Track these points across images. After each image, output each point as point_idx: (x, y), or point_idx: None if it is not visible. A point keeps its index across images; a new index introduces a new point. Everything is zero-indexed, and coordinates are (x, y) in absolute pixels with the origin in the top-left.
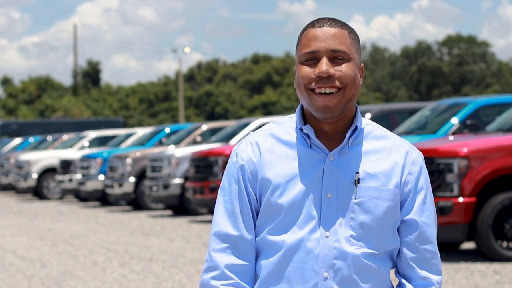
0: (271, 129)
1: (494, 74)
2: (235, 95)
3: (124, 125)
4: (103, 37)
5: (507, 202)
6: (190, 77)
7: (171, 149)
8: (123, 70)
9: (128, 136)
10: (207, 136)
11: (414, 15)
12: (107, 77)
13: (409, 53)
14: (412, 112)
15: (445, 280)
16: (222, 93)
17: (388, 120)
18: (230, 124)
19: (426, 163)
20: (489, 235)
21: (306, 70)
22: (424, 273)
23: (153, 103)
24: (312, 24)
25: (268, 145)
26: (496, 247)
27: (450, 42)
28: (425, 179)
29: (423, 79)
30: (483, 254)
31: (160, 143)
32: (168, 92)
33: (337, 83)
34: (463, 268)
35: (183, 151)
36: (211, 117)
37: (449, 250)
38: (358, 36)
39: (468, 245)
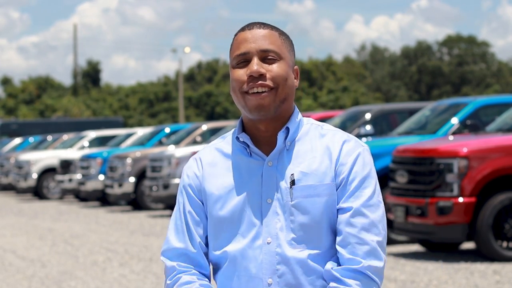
0: (217, 144)
1: (494, 74)
2: None
3: (124, 125)
4: (103, 37)
5: (507, 202)
6: (190, 77)
7: (171, 149)
8: (122, 70)
9: (128, 136)
10: (207, 136)
11: (413, 15)
12: (106, 77)
13: (409, 53)
14: (412, 112)
15: (445, 280)
16: (222, 93)
17: (388, 120)
18: (230, 124)
19: (426, 163)
20: (489, 235)
21: (239, 73)
22: (349, 256)
23: (153, 103)
24: (242, 29)
25: (210, 159)
26: (496, 247)
27: (450, 42)
28: (361, 167)
29: (423, 79)
30: (483, 254)
31: (160, 143)
32: (168, 92)
33: (268, 82)
34: (463, 268)
35: (183, 151)
36: (211, 117)
37: (449, 250)
38: (290, 39)
39: (468, 245)
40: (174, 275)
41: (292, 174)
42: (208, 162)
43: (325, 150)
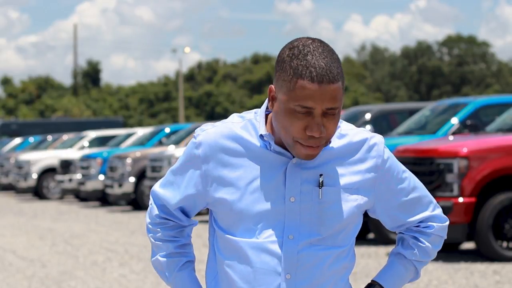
0: (235, 124)
1: (494, 74)
2: (235, 95)
3: (124, 125)
4: (101, 37)
5: (507, 202)
6: (190, 77)
7: (171, 149)
8: (121, 70)
9: (128, 136)
10: None
11: (411, 15)
12: (105, 76)
13: (409, 53)
14: (412, 112)
15: (445, 280)
16: (222, 93)
17: (388, 120)
18: None
19: (426, 163)
20: (489, 235)
21: (299, 124)
22: (420, 216)
23: (153, 103)
24: (310, 73)
25: (228, 144)
26: (496, 247)
27: (450, 42)
28: (390, 164)
29: (423, 79)
30: (483, 254)
31: (160, 143)
32: (168, 92)
33: (323, 141)
34: (463, 268)
35: (183, 151)
36: (211, 117)
37: (449, 250)
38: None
39: (468, 245)
40: (155, 224)
41: (321, 175)
42: (226, 147)
43: (351, 152)
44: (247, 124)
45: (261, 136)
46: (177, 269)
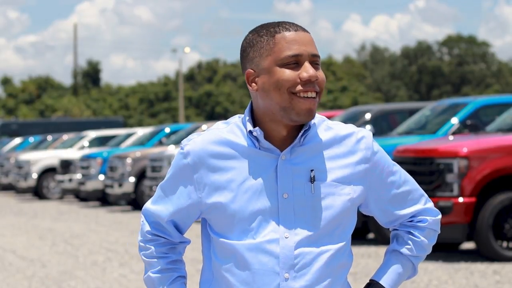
0: (221, 130)
1: (494, 74)
2: (235, 95)
3: (124, 125)
4: (101, 37)
5: (507, 202)
6: (190, 77)
7: (171, 149)
8: (121, 70)
9: (128, 136)
10: None
11: (411, 15)
12: (105, 76)
13: (409, 53)
14: (412, 112)
15: (445, 280)
16: (222, 93)
17: (388, 120)
18: None
19: (426, 163)
20: (489, 235)
21: (291, 74)
22: (412, 208)
23: (153, 103)
24: (284, 27)
25: (217, 148)
26: (496, 247)
27: (450, 42)
28: (379, 156)
29: (423, 79)
30: (483, 254)
31: (160, 143)
32: (168, 92)
33: (317, 87)
34: (463, 268)
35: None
36: (211, 117)
37: (449, 250)
38: None
39: (468, 245)
40: (147, 241)
41: (312, 170)
42: (214, 152)
43: (340, 146)
44: (233, 127)
45: (250, 132)
46: (168, 284)
